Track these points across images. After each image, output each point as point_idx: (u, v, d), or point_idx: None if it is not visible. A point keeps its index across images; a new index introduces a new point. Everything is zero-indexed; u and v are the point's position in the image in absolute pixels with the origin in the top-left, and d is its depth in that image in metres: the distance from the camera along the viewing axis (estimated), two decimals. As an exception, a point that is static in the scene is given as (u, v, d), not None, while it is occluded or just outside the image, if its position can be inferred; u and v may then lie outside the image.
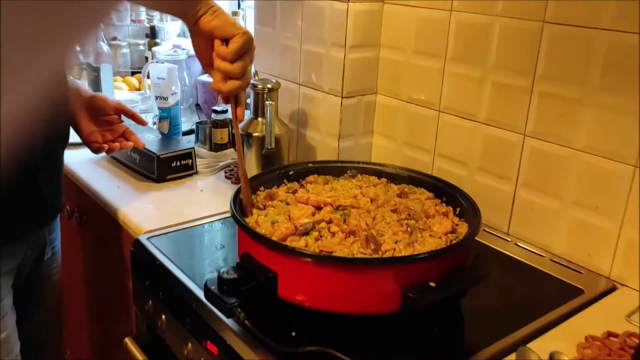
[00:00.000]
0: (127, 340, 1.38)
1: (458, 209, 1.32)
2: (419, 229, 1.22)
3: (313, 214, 1.25)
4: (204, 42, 1.15)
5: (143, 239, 1.39)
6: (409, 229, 1.19)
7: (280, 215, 1.24)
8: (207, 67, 1.18)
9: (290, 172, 1.44)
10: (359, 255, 1.10)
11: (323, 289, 1.08)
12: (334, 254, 1.10)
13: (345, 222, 1.23)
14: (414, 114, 1.68)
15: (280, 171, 1.43)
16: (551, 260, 1.40)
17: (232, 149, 1.91)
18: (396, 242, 1.15)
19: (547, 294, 1.27)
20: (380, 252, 1.12)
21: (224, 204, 1.27)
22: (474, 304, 1.19)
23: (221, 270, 1.08)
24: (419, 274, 1.06)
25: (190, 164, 1.77)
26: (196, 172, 1.73)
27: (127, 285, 1.51)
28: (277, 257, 1.08)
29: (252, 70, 1.93)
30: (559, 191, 1.38)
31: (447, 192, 1.37)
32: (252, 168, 1.70)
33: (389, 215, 1.26)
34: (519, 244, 1.46)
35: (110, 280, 1.71)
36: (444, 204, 1.37)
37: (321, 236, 1.18)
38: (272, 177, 1.41)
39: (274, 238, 1.15)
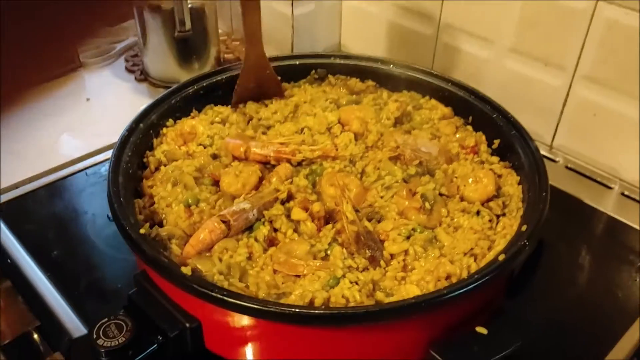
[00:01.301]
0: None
1: (497, 142, 0.80)
2: (442, 196, 0.72)
3: (259, 180, 0.72)
4: None
5: (-14, 209, 0.85)
6: (426, 204, 0.69)
7: (201, 189, 0.71)
8: None
9: (218, 84, 0.87)
10: (348, 277, 0.60)
11: (284, 350, 0.60)
12: (300, 280, 0.60)
13: (314, 190, 0.71)
14: (408, -41, 1.07)
15: (199, 85, 0.86)
16: (622, 194, 0.93)
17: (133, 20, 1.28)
18: (409, 237, 0.65)
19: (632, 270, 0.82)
20: (382, 263, 0.63)
21: (127, 120, 0.77)
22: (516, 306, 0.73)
23: (96, 329, 0.58)
24: (458, 315, 0.59)
25: (68, 53, 1.15)
26: (80, 66, 1.13)
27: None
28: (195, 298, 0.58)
29: None
30: (647, 92, 0.87)
31: (473, 107, 0.84)
32: (160, 63, 1.10)
33: (389, 168, 0.74)
34: (571, 167, 0.98)
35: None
36: (469, 127, 0.85)
37: (276, 230, 0.66)
38: (185, 96, 0.84)
39: (191, 249, 0.63)
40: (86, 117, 1.06)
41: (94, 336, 0.58)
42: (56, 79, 1.14)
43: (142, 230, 0.62)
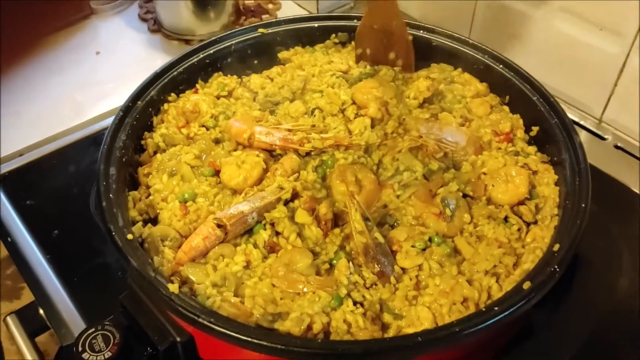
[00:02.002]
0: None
1: (536, 129, 0.71)
2: (466, 197, 0.64)
3: (264, 173, 0.65)
4: None
5: (-13, 180, 0.82)
6: (447, 210, 0.61)
7: (199, 181, 0.65)
8: None
9: (226, 51, 0.79)
10: (353, 296, 0.55)
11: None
12: (300, 298, 0.55)
13: (323, 184, 0.64)
14: None
15: (205, 52, 0.78)
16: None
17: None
18: (424, 249, 0.59)
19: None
20: (392, 279, 0.57)
21: (139, 79, 0.72)
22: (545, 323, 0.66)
23: (82, 340, 0.55)
24: (473, 344, 0.53)
25: (77, -1, 1.08)
26: (91, 13, 1.06)
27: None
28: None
29: None
30: None
31: (512, 86, 0.74)
32: (174, 13, 1.02)
33: (409, 162, 0.66)
34: (621, 146, 0.87)
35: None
36: (505, 108, 0.75)
37: (278, 234, 0.60)
38: (189, 67, 0.76)
39: (183, 256, 0.58)
40: (95, 74, 0.99)
41: (79, 349, 0.55)
42: (65, 29, 1.07)
43: (129, 236, 0.57)
